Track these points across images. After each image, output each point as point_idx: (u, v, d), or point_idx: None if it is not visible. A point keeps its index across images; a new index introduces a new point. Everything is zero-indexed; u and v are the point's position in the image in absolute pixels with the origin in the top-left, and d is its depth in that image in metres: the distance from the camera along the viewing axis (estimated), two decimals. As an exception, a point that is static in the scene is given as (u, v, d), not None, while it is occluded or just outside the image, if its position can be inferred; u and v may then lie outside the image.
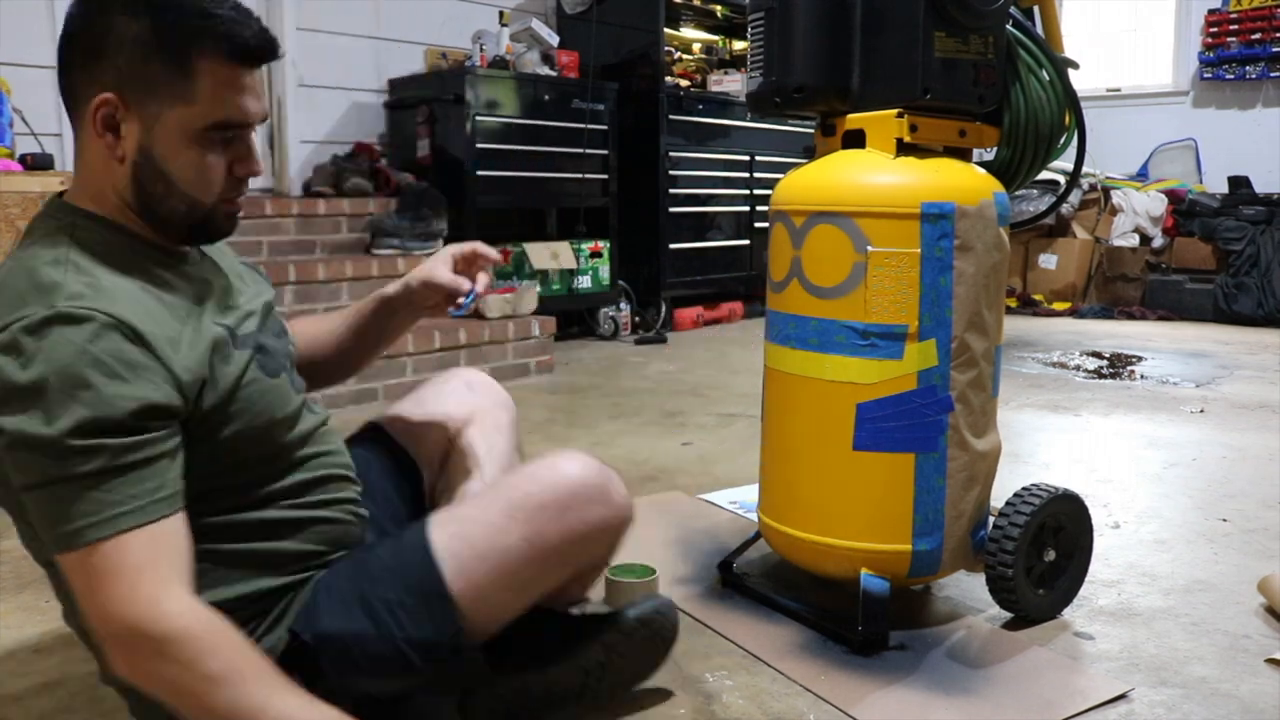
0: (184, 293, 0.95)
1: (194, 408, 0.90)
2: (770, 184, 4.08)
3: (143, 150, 0.90)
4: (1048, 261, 5.24)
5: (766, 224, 1.47)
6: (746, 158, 4.71)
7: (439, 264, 1.23)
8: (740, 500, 2.01)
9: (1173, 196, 5.17)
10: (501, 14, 4.32)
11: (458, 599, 0.98)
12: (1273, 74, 5.28)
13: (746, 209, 4.76)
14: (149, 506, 0.83)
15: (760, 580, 1.57)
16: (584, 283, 4.06)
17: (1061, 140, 1.49)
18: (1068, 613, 1.48)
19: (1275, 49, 5.25)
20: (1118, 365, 3.62)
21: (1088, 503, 1.50)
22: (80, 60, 0.90)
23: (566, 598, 1.21)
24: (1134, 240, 5.12)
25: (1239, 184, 5.08)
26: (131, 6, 0.88)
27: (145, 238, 0.95)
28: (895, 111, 1.34)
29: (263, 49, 0.93)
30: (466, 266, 1.24)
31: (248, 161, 0.96)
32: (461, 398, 1.31)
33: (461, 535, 1.01)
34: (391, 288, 1.25)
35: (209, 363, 0.91)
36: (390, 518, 1.18)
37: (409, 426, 1.29)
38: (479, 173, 3.76)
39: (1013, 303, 5.18)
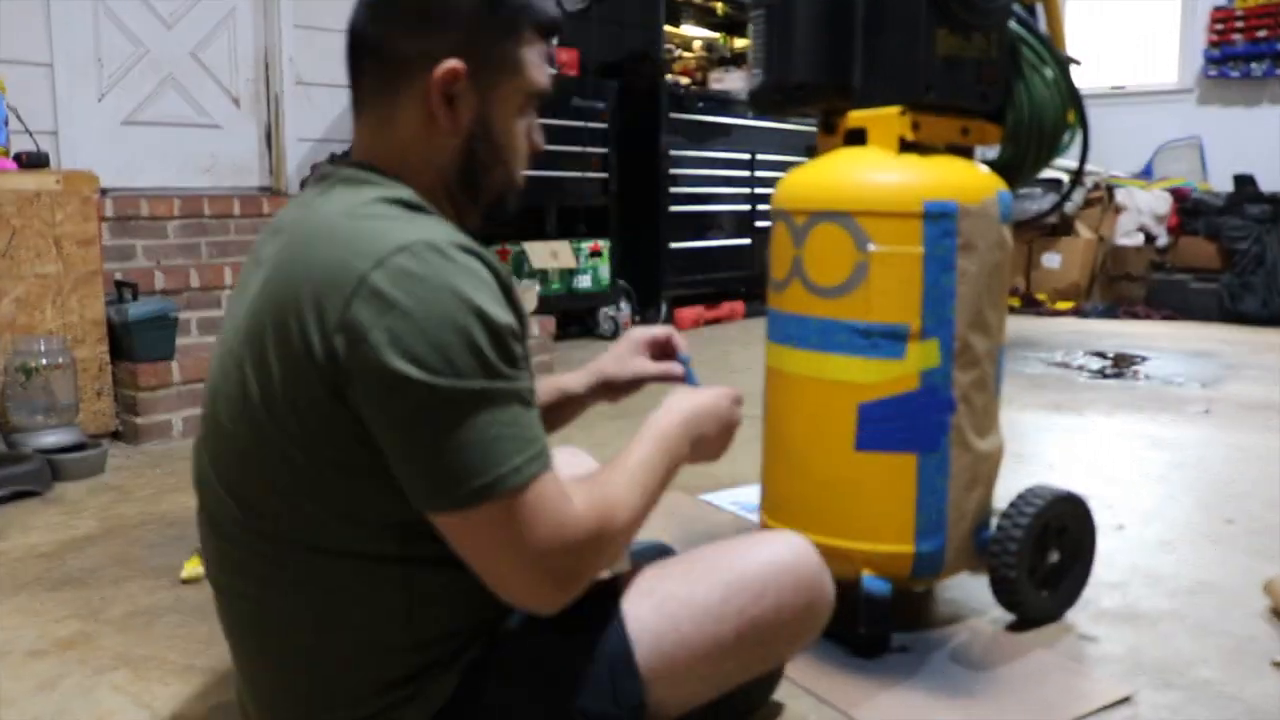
0: None
1: None
2: (771, 183, 4.06)
3: (481, 121, 0.89)
4: (1051, 260, 5.23)
5: (767, 223, 1.46)
6: (747, 156, 4.69)
7: (637, 359, 1.21)
8: (741, 501, 2.00)
9: (1177, 195, 5.15)
10: (501, 12, 4.30)
11: (647, 680, 0.90)
12: (1278, 71, 5.26)
13: (747, 208, 4.75)
14: (545, 450, 0.80)
15: (761, 582, 1.56)
16: (584, 282, 4.05)
17: (1065, 138, 1.48)
18: (1071, 614, 1.47)
19: None
20: (1121, 365, 3.61)
21: (1091, 504, 1.49)
22: (406, 26, 0.86)
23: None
24: (1138, 239, 5.10)
25: (1244, 182, 5.06)
26: None
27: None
28: (897, 109, 1.33)
29: (560, 22, 0.96)
30: (661, 352, 1.22)
31: (539, 135, 0.96)
32: (567, 459, 1.24)
33: (667, 613, 0.92)
34: (576, 383, 1.21)
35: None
36: None
37: None
38: (479, 171, 3.74)
39: (1016, 302, 5.16)
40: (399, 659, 0.86)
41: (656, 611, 0.92)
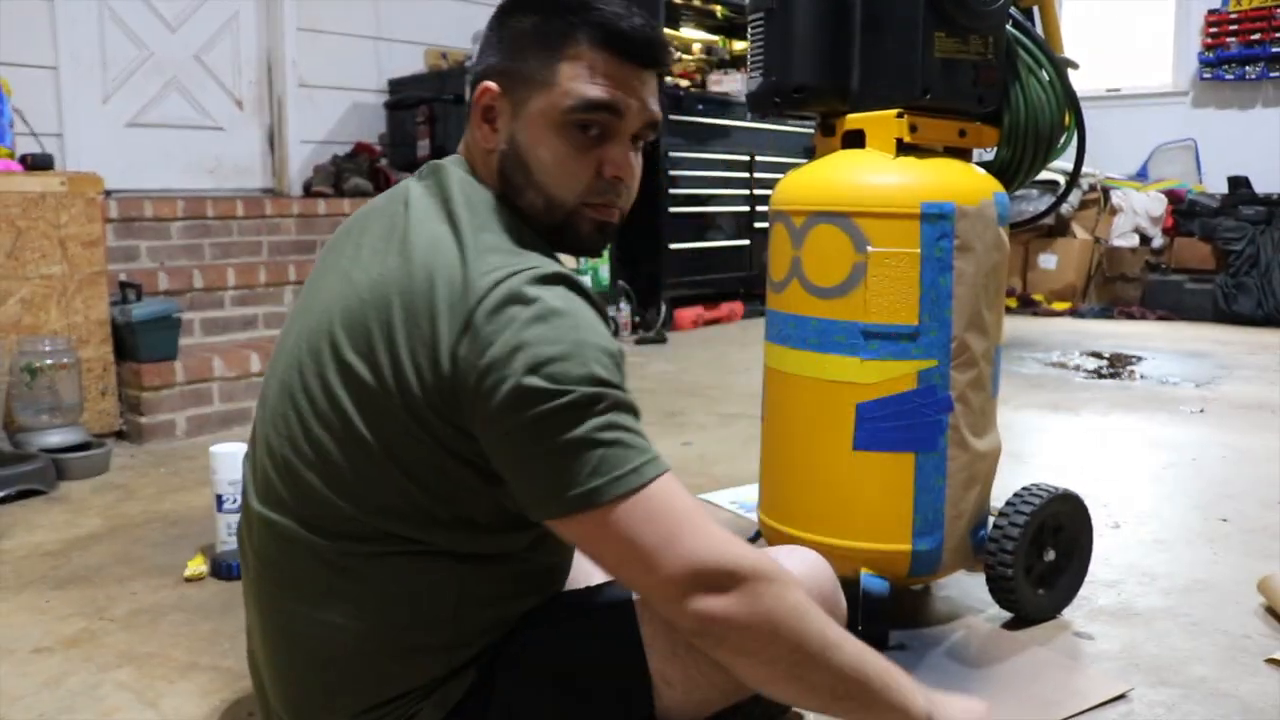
0: None
1: None
2: (770, 184, 4.06)
3: (510, 139, 0.89)
4: (1047, 261, 5.24)
5: (766, 224, 1.47)
6: (746, 158, 4.70)
7: None
8: (740, 500, 2.01)
9: (1172, 197, 5.17)
10: (502, 14, 4.31)
11: (659, 685, 0.89)
12: (1272, 74, 5.28)
13: (746, 209, 4.76)
14: (657, 458, 0.79)
15: (760, 580, 1.57)
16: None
17: (1061, 140, 1.49)
18: (1067, 612, 1.48)
19: (1275, 49, 5.25)
20: (1117, 365, 3.62)
21: (1087, 503, 1.50)
22: (481, 58, 0.92)
23: None
24: (1134, 240, 5.12)
25: (1238, 184, 5.08)
26: (526, 5, 0.90)
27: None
28: (895, 111, 1.34)
29: (640, 41, 0.88)
30: None
31: (618, 163, 0.89)
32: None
33: None
34: None
35: None
36: None
37: None
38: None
39: (1012, 303, 5.18)
40: (431, 659, 0.87)
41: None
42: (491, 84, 0.90)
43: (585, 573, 1.17)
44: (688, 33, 4.82)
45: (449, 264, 0.81)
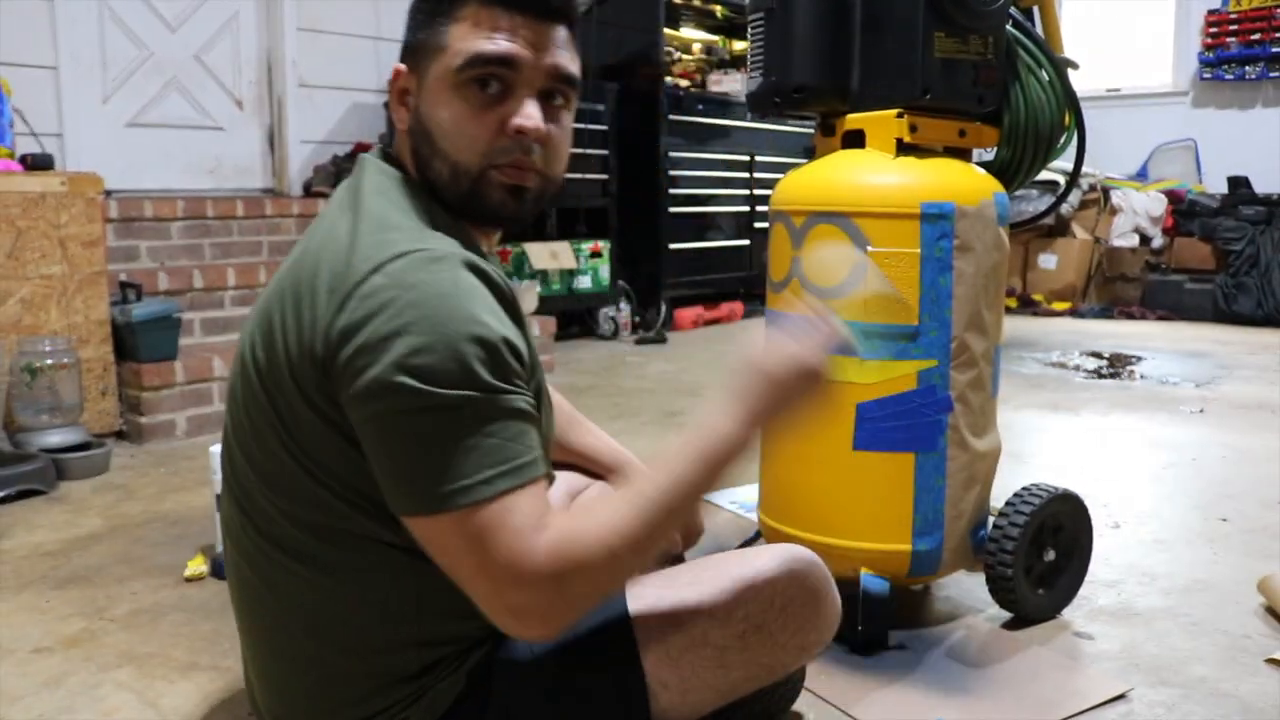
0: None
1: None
2: (770, 184, 4.06)
3: (416, 112, 0.88)
4: (1047, 261, 5.24)
5: (766, 224, 1.47)
6: (746, 158, 4.71)
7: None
8: (740, 500, 2.01)
9: (1172, 197, 5.17)
10: (502, 14, 4.31)
11: (654, 686, 0.90)
12: (1272, 74, 5.28)
13: (746, 209, 4.76)
14: (526, 466, 0.76)
15: (760, 580, 1.57)
16: (584, 283, 4.06)
17: (1061, 140, 1.49)
18: (1067, 612, 1.48)
19: (1275, 49, 5.25)
20: (1117, 365, 3.62)
21: (1087, 503, 1.50)
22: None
23: None
24: (1133, 240, 5.12)
25: (1238, 184, 5.08)
26: None
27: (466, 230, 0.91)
28: (895, 112, 1.34)
29: None
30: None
31: (520, 115, 0.85)
32: (582, 478, 1.28)
33: (675, 622, 0.91)
34: (610, 458, 1.26)
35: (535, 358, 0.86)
36: None
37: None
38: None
39: (1012, 303, 5.18)
40: (404, 655, 0.86)
41: (664, 619, 0.91)
42: (401, 65, 0.90)
43: None
44: (688, 33, 4.82)
45: (336, 251, 0.81)
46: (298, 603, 0.87)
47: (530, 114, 0.85)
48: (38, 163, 2.50)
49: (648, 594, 0.94)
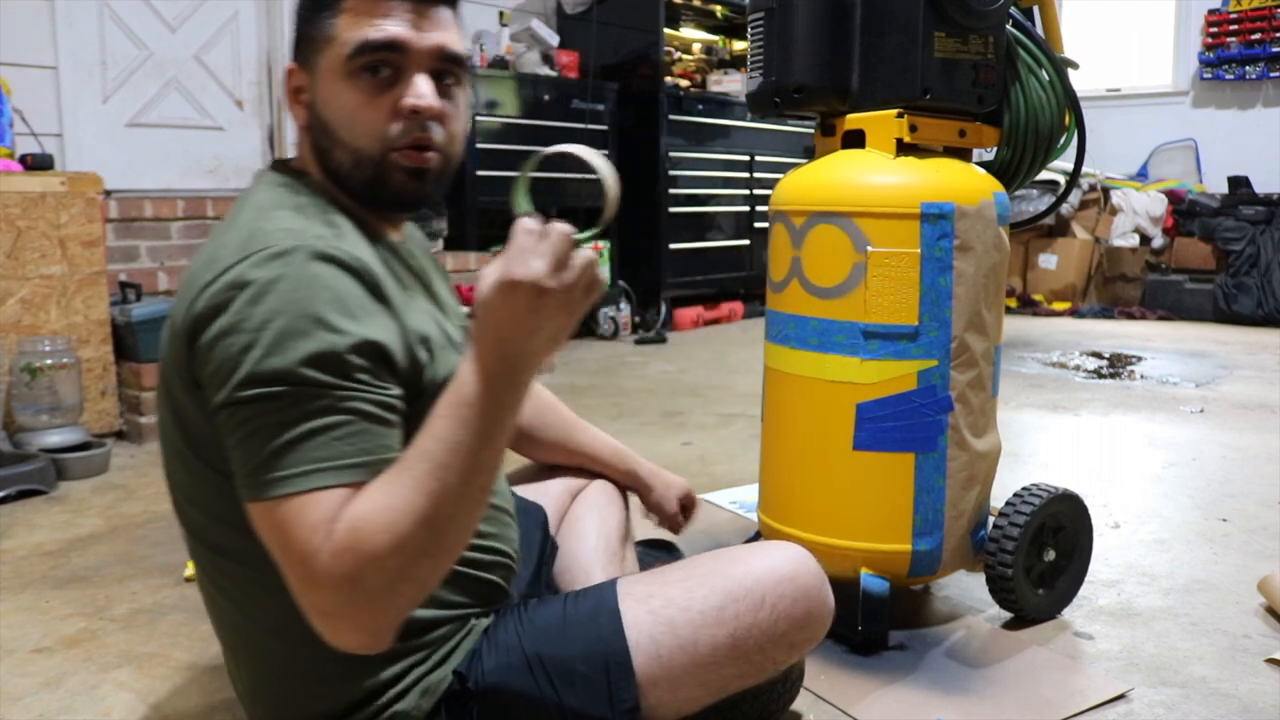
0: (401, 273, 0.91)
1: (409, 380, 0.83)
2: (770, 184, 4.08)
3: (311, 108, 0.89)
4: (1047, 261, 5.24)
5: (766, 224, 1.47)
6: (746, 158, 4.71)
7: (672, 498, 1.36)
8: (740, 500, 2.01)
9: (1172, 196, 5.17)
10: (501, 14, 4.32)
11: (644, 684, 0.90)
12: (1272, 74, 5.28)
13: (746, 209, 4.76)
14: (354, 468, 0.74)
15: (760, 580, 1.57)
16: (584, 283, 4.06)
17: (1061, 140, 1.49)
18: (1067, 612, 1.48)
19: (1275, 49, 5.25)
20: (1117, 365, 3.62)
21: (1087, 503, 1.50)
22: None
23: None
24: (1134, 240, 5.12)
25: (1238, 184, 5.09)
26: None
27: (361, 219, 0.91)
28: (895, 112, 1.34)
29: None
30: (683, 512, 1.38)
31: (414, 94, 0.86)
32: (577, 475, 1.32)
33: (665, 619, 0.92)
34: (640, 474, 1.35)
35: (424, 346, 0.86)
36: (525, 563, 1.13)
37: (532, 481, 1.29)
38: (478, 173, 3.76)
39: (1012, 303, 5.18)
40: (362, 663, 0.86)
41: (654, 616, 0.92)
42: (293, 64, 0.91)
43: (581, 567, 1.17)
44: (687, 33, 4.83)
45: (201, 259, 0.83)
46: (254, 602, 0.88)
47: (422, 92, 0.86)
48: (38, 163, 2.50)
49: (638, 591, 0.95)
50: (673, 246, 4.37)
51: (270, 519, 0.74)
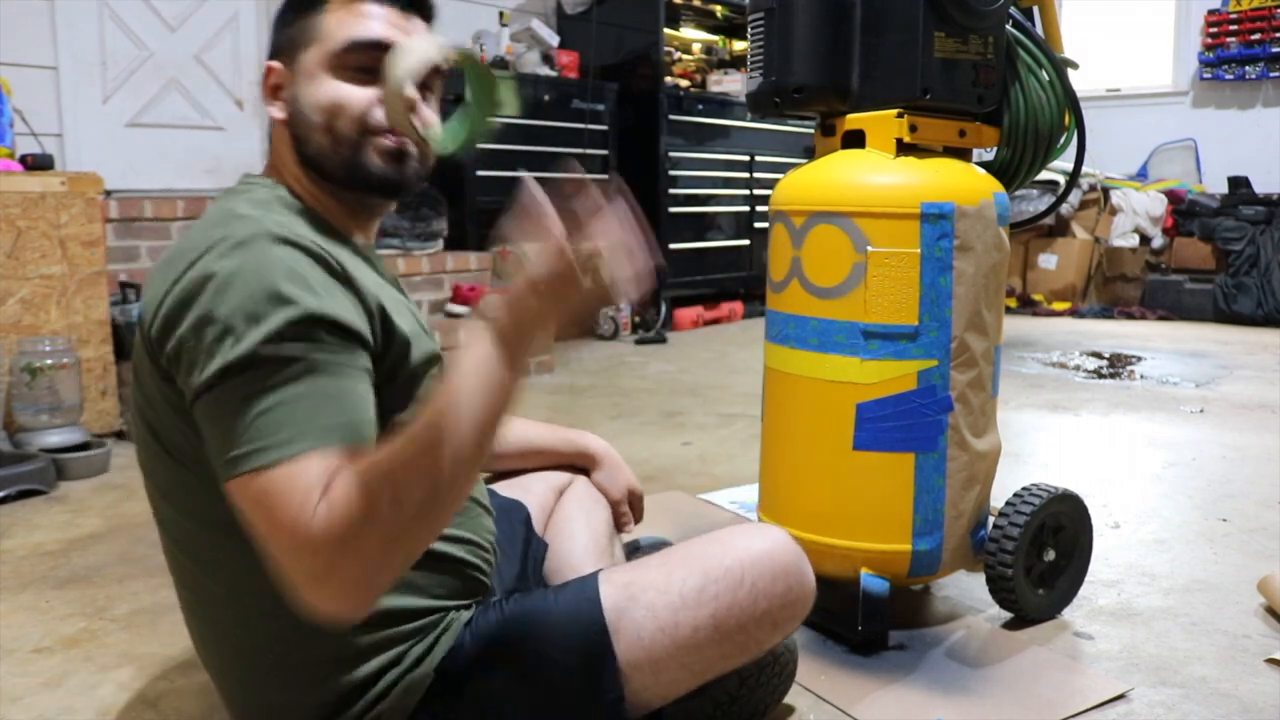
0: (369, 271, 0.92)
1: (379, 355, 0.84)
2: (770, 184, 4.08)
3: (293, 98, 0.92)
4: (1047, 261, 5.24)
5: (766, 224, 1.47)
6: (746, 158, 4.71)
7: (620, 482, 1.34)
8: (740, 500, 2.02)
9: (1172, 197, 5.17)
10: (501, 14, 4.32)
11: (627, 670, 0.91)
12: (1272, 74, 5.29)
13: (746, 209, 4.76)
14: (333, 431, 0.75)
15: (760, 580, 1.57)
16: (584, 283, 4.06)
17: (1061, 140, 1.49)
18: (1067, 612, 1.48)
19: (1275, 49, 5.25)
20: (1117, 365, 3.63)
21: (1087, 502, 1.50)
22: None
23: None
24: (1133, 240, 5.12)
25: (1238, 184, 5.09)
26: None
27: (328, 220, 0.93)
28: (895, 112, 1.34)
29: None
30: (629, 506, 1.36)
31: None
32: (561, 474, 1.33)
33: (645, 603, 0.92)
34: (590, 449, 1.34)
35: (394, 324, 0.87)
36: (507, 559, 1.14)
37: (517, 481, 1.30)
38: (478, 173, 3.76)
39: (1012, 303, 5.18)
40: (342, 639, 0.86)
41: (634, 601, 0.93)
42: (273, 62, 0.94)
43: (573, 566, 1.18)
44: (687, 33, 4.83)
45: (174, 251, 0.84)
46: (231, 600, 0.89)
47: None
48: (38, 163, 2.50)
49: (617, 578, 0.96)
50: (673, 246, 4.37)
51: (253, 491, 0.73)
